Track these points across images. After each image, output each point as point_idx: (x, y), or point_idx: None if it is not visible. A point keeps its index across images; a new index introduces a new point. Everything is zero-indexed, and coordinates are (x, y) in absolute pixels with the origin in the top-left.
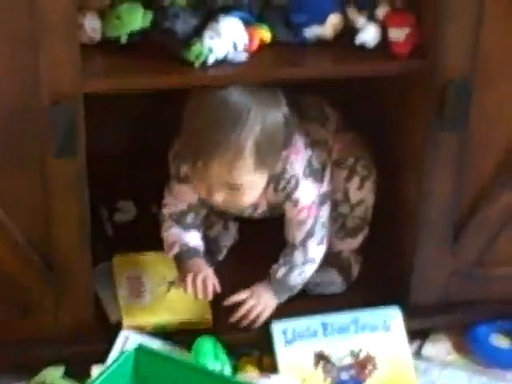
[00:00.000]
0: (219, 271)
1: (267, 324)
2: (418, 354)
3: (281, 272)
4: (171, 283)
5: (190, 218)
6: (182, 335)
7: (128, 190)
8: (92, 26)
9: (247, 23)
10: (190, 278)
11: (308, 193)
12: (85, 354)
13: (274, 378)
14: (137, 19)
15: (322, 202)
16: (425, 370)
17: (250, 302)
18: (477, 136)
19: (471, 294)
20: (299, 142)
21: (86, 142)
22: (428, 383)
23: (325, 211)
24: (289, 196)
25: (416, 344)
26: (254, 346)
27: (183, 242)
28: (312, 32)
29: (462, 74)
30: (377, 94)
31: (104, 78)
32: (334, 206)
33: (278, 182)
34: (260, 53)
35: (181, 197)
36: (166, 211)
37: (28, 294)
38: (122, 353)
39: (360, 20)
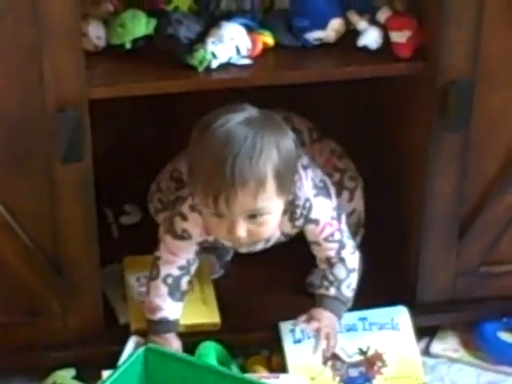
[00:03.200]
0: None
1: (275, 324)
2: (426, 351)
3: (332, 292)
4: None
5: (184, 284)
6: (186, 338)
7: (133, 193)
8: (96, 33)
9: (250, 28)
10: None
11: (324, 210)
12: (95, 356)
13: (283, 377)
14: (140, 26)
15: (339, 215)
16: (433, 367)
17: (325, 330)
18: (479, 136)
19: (477, 291)
20: (299, 161)
21: (91, 145)
22: (436, 380)
23: (344, 222)
24: (308, 219)
25: (424, 341)
26: (263, 346)
27: (165, 314)
28: (314, 36)
29: (464, 75)
30: (379, 96)
31: (109, 85)
32: None
33: (293, 210)
34: (263, 57)
35: (178, 252)
36: (162, 268)
37: (36, 298)
38: (131, 354)
39: (361, 23)
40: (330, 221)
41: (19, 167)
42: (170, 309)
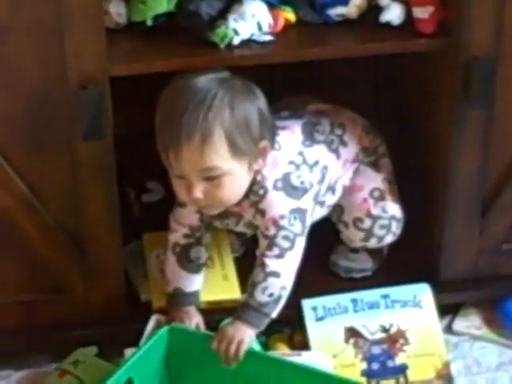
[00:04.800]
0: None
1: (298, 301)
2: (448, 329)
3: (243, 298)
4: None
5: (193, 253)
6: (207, 316)
7: (156, 170)
8: (117, 10)
9: (271, 5)
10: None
11: (276, 205)
12: (117, 334)
13: (305, 354)
14: (161, 3)
15: (292, 216)
16: (456, 345)
17: (222, 348)
18: (503, 113)
19: (500, 269)
20: (285, 153)
21: (113, 123)
22: (459, 357)
23: (294, 226)
24: (257, 207)
25: (447, 319)
26: (285, 324)
27: (179, 286)
28: (336, 12)
29: (487, 51)
30: (402, 73)
31: (131, 62)
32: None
33: (249, 196)
34: (285, 33)
35: (182, 220)
36: (170, 237)
37: (59, 276)
38: (154, 333)
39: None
40: (277, 218)
41: (41, 146)
42: (184, 280)
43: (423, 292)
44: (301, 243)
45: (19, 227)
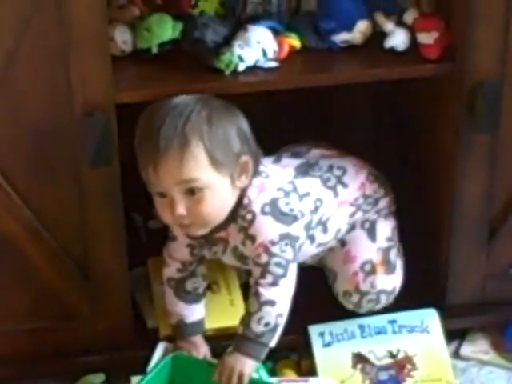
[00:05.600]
0: None
1: (304, 327)
2: (456, 354)
3: (240, 330)
4: (207, 287)
5: (189, 285)
6: (214, 342)
7: None
8: (123, 38)
9: (276, 31)
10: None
11: (266, 230)
12: (124, 360)
13: (312, 380)
14: (167, 30)
15: (283, 242)
16: (463, 370)
17: (224, 379)
18: (508, 137)
19: (507, 293)
20: (273, 181)
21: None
22: (467, 382)
23: (286, 252)
24: (246, 233)
25: (454, 344)
26: (292, 350)
27: (180, 317)
28: (341, 38)
29: (492, 76)
30: (406, 98)
31: (136, 89)
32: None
33: (236, 220)
34: (290, 59)
35: (174, 255)
36: (164, 272)
37: (65, 303)
38: (158, 361)
39: (388, 25)
40: (267, 243)
41: (47, 173)
42: (184, 310)
43: (430, 317)
44: (293, 270)
45: (24, 253)
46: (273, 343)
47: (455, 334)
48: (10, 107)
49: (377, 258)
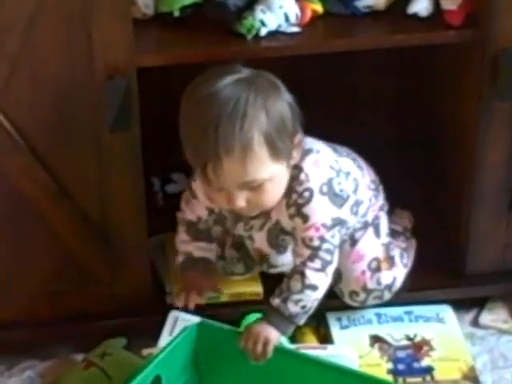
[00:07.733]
0: None
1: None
2: (475, 323)
3: (276, 302)
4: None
5: (202, 225)
6: (231, 310)
7: (180, 161)
8: (145, 1)
9: None
10: (181, 298)
11: (320, 211)
12: (143, 324)
13: (330, 347)
14: None
15: (333, 226)
16: (482, 338)
17: (249, 345)
18: None
19: None
20: (325, 157)
21: (139, 113)
22: (485, 351)
23: (334, 238)
24: (299, 210)
25: (473, 312)
26: (311, 315)
27: (189, 252)
28: (364, 3)
29: None
30: (429, 64)
31: (158, 53)
32: None
33: (290, 195)
34: (312, 25)
35: (192, 208)
36: (179, 215)
37: (85, 267)
38: (183, 329)
39: None
40: (319, 225)
41: (67, 136)
42: (192, 247)
43: (445, 311)
44: (337, 255)
45: (44, 216)
46: (302, 322)
47: (474, 303)
48: (29, 70)
49: (381, 253)
